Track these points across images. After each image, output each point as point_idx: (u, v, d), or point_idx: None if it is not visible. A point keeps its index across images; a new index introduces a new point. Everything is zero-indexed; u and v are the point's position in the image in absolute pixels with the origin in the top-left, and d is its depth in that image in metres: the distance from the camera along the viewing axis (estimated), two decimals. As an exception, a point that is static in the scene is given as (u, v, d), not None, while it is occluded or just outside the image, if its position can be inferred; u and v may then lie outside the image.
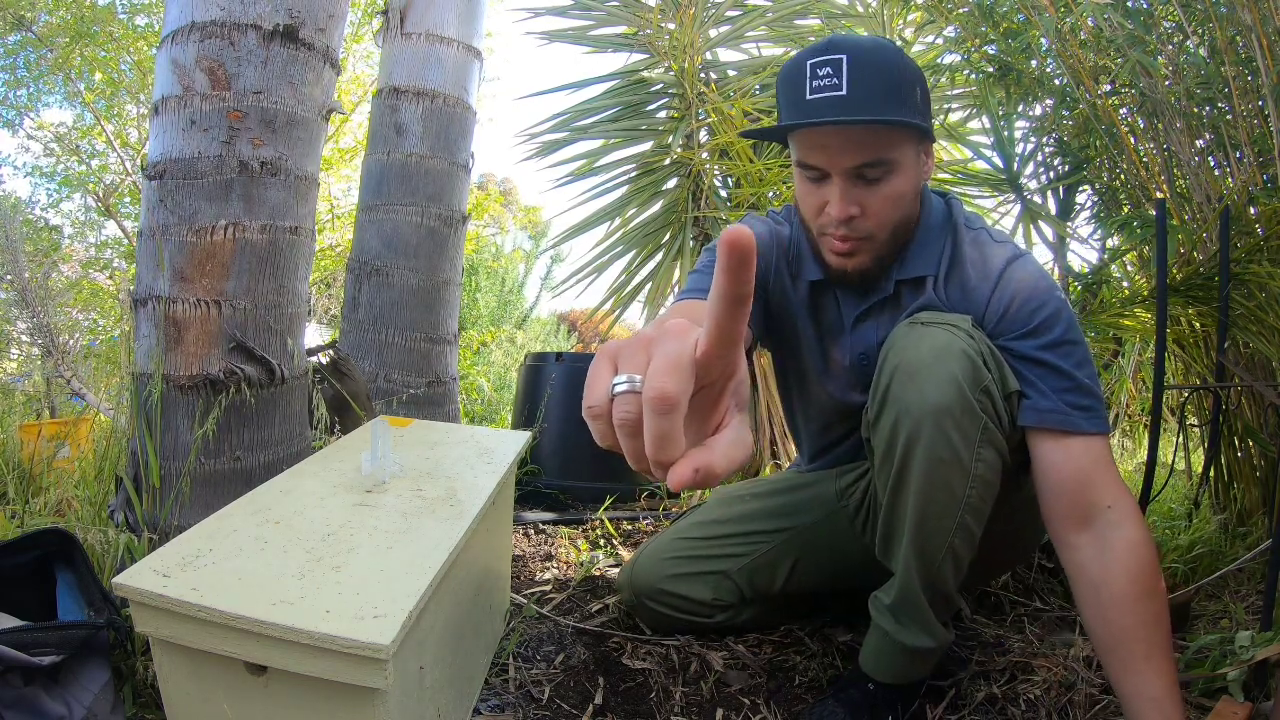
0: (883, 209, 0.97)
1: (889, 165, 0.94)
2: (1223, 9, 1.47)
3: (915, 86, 0.95)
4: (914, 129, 0.94)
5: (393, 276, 2.06)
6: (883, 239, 1.00)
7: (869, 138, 0.93)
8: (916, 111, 0.94)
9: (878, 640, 1.04)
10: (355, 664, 0.63)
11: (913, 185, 0.98)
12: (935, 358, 0.89)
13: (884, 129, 0.92)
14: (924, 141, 1.00)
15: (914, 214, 1.03)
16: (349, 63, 6.52)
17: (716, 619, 1.25)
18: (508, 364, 4.72)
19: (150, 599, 0.65)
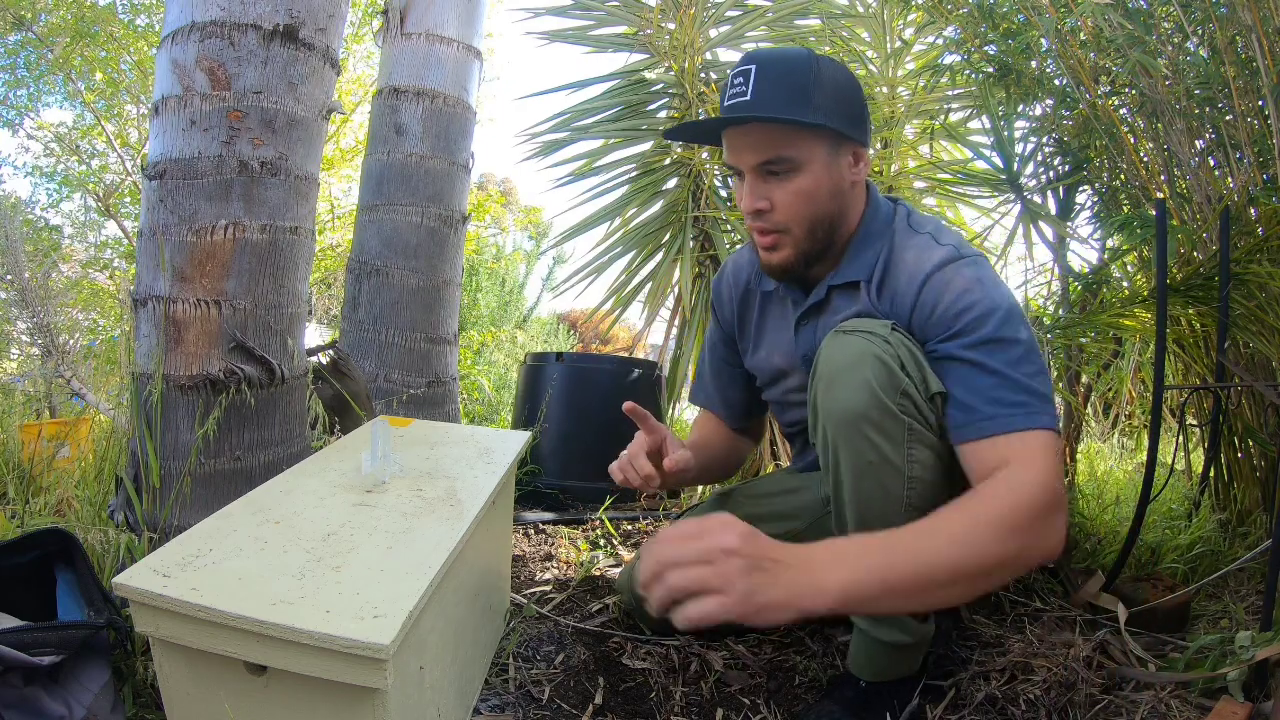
0: (791, 204, 1.03)
1: (792, 162, 1.01)
2: (1223, 9, 1.47)
3: (828, 92, 0.99)
4: (820, 130, 0.99)
5: (393, 276, 2.06)
6: (799, 234, 1.05)
7: (769, 136, 1.00)
8: (824, 115, 0.98)
9: (858, 640, 1.07)
10: (356, 664, 0.63)
11: (827, 185, 1.03)
12: (850, 365, 0.92)
13: (785, 128, 0.99)
14: (842, 144, 1.03)
15: (836, 214, 1.05)
16: (349, 63, 6.53)
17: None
18: (508, 364, 4.72)
19: (150, 599, 0.65)
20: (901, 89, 2.58)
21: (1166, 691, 1.08)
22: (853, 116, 1.03)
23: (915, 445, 0.92)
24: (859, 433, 0.91)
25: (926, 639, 1.06)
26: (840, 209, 1.05)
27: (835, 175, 1.03)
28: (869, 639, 1.05)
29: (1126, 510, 1.77)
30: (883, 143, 2.53)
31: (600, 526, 1.89)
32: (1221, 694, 1.05)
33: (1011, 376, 0.91)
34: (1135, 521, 1.39)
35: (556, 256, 7.05)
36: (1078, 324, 1.75)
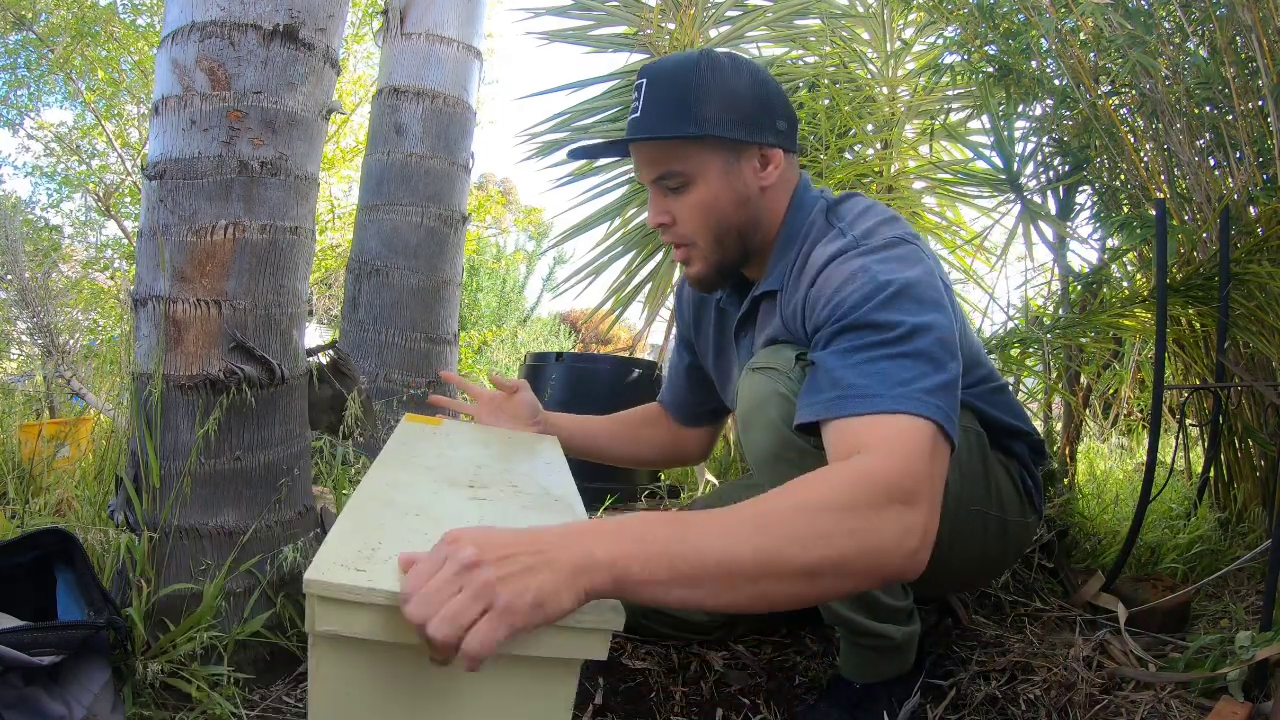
0: (691, 217, 1.00)
1: (683, 176, 0.98)
2: (1223, 9, 1.47)
3: (717, 100, 0.95)
4: (708, 140, 0.96)
5: (393, 276, 2.06)
6: (705, 246, 1.02)
7: (657, 152, 0.99)
8: (710, 125, 0.95)
9: (845, 644, 1.06)
10: (587, 638, 0.66)
11: (727, 195, 0.99)
12: (757, 405, 0.90)
13: (671, 143, 0.97)
14: (742, 150, 0.98)
15: (746, 222, 1.01)
16: (349, 63, 6.53)
17: (714, 635, 1.25)
18: (509, 364, 4.72)
19: (354, 593, 0.62)
20: (901, 89, 2.58)
21: (1166, 691, 1.08)
22: (752, 120, 0.97)
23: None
24: (779, 473, 0.87)
25: (913, 639, 1.05)
26: (750, 216, 1.01)
27: (737, 183, 0.99)
28: (853, 644, 1.04)
29: (1126, 510, 1.77)
30: (883, 143, 2.53)
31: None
32: (1221, 694, 1.05)
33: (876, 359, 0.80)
34: (1135, 521, 1.39)
35: (557, 256, 7.05)
36: (1078, 324, 1.75)
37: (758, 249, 1.04)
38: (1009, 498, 1.07)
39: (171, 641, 1.07)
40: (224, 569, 1.14)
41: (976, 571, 1.18)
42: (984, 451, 1.05)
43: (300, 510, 1.27)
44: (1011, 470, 1.09)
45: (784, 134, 1.01)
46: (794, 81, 2.50)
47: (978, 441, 1.04)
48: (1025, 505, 1.10)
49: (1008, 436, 1.10)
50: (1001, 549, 1.11)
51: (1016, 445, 1.10)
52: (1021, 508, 1.10)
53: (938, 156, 2.52)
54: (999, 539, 1.08)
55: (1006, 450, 1.09)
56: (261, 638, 1.13)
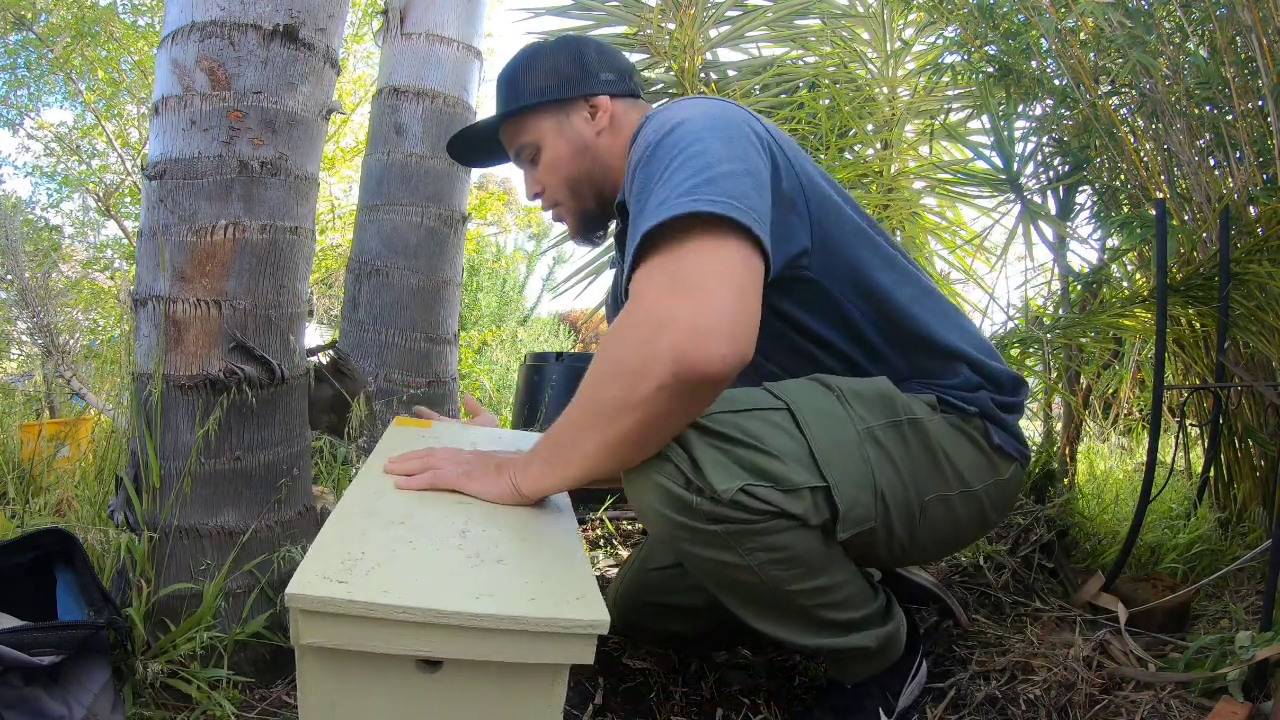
0: (548, 179, 1.12)
1: (529, 147, 1.12)
2: (1223, 9, 1.47)
3: (537, 72, 1.09)
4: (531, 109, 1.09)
5: (393, 276, 2.06)
6: (566, 199, 1.13)
7: (508, 134, 1.14)
8: (531, 94, 1.08)
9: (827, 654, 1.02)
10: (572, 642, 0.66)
11: (565, 149, 1.09)
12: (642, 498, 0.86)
13: (510, 125, 1.12)
14: (566, 107, 1.09)
15: (590, 167, 1.10)
16: (349, 63, 6.53)
17: (710, 641, 1.25)
18: (509, 363, 4.72)
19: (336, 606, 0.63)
20: (901, 89, 2.58)
21: (1166, 691, 1.08)
22: (569, 78, 1.09)
23: (746, 540, 0.84)
24: (683, 552, 0.88)
25: (894, 636, 1.01)
26: (593, 161, 1.10)
27: (570, 136, 1.09)
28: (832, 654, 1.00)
29: (1126, 510, 1.77)
30: (883, 143, 2.53)
31: (600, 526, 1.89)
32: (1221, 694, 1.05)
33: (644, 203, 0.82)
34: (1135, 521, 1.39)
35: (556, 256, 7.05)
36: (1078, 324, 1.75)
37: (612, 191, 1.11)
38: (972, 467, 1.00)
39: (171, 642, 1.07)
40: (224, 569, 1.14)
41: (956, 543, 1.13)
42: (923, 435, 0.96)
43: (300, 510, 1.27)
44: (971, 432, 1.00)
45: (611, 83, 1.11)
46: (794, 81, 2.50)
47: (912, 431, 0.95)
48: (996, 462, 1.03)
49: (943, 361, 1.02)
50: (979, 517, 1.05)
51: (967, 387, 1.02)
52: (992, 468, 1.02)
53: (938, 156, 2.52)
54: (973, 511, 1.02)
55: (961, 410, 1.00)
56: (262, 638, 1.13)
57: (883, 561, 1.02)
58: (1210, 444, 1.64)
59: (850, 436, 0.90)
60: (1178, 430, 1.88)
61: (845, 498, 0.87)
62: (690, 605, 1.18)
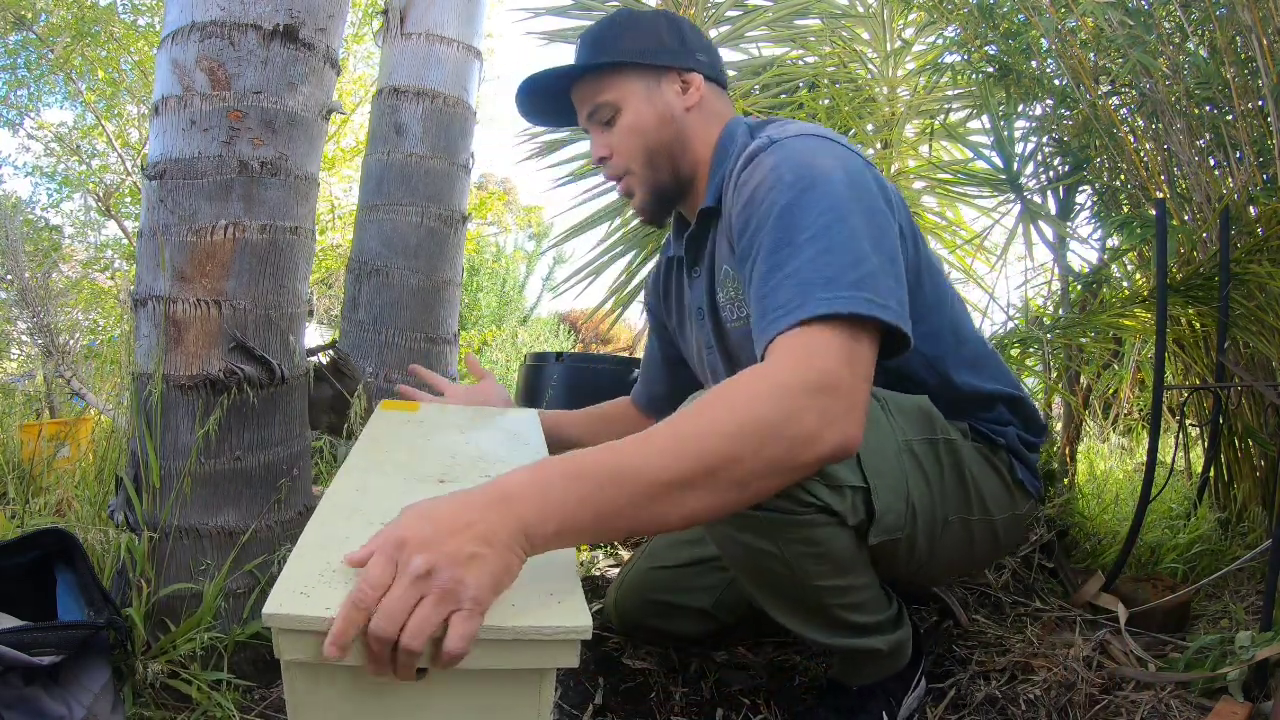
0: (623, 143, 1.06)
1: (610, 106, 1.06)
2: (1223, 9, 1.47)
3: (631, 34, 1.05)
4: (624, 68, 1.05)
5: (393, 276, 2.06)
6: (640, 168, 1.07)
7: (585, 90, 1.07)
8: (624, 54, 1.04)
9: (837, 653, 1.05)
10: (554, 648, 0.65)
11: (650, 115, 1.05)
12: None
13: (594, 79, 1.06)
14: (659, 74, 1.06)
15: (672, 140, 1.06)
16: (349, 63, 6.53)
17: (708, 644, 1.25)
18: (510, 363, 4.72)
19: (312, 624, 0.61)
20: (901, 89, 2.58)
21: (1166, 691, 1.08)
22: (669, 48, 1.06)
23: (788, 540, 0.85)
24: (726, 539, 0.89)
25: (903, 643, 1.03)
26: (676, 135, 1.06)
27: (659, 104, 1.05)
28: (843, 653, 1.02)
29: (1126, 510, 1.77)
30: (883, 143, 2.53)
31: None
32: (1221, 694, 1.05)
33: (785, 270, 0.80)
34: (1135, 521, 1.39)
35: (557, 256, 7.05)
36: (1078, 324, 1.75)
37: (690, 173, 1.08)
38: (994, 496, 1.03)
39: (171, 642, 1.07)
40: (224, 569, 1.14)
41: (966, 568, 1.17)
42: (957, 457, 0.99)
43: (300, 510, 1.27)
44: (998, 463, 1.04)
45: (704, 64, 1.08)
46: (794, 81, 2.50)
47: (947, 451, 0.98)
48: (1016, 496, 1.06)
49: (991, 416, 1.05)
50: (992, 545, 1.08)
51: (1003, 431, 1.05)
52: (1011, 501, 1.06)
53: (938, 156, 2.52)
54: (987, 535, 1.05)
55: (990, 442, 1.04)
56: (262, 638, 1.13)
57: (898, 574, 1.02)
58: (1210, 444, 1.64)
59: (890, 445, 0.92)
60: (1178, 430, 1.88)
61: (882, 502, 0.89)
62: (695, 606, 1.19)
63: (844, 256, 0.79)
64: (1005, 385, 1.08)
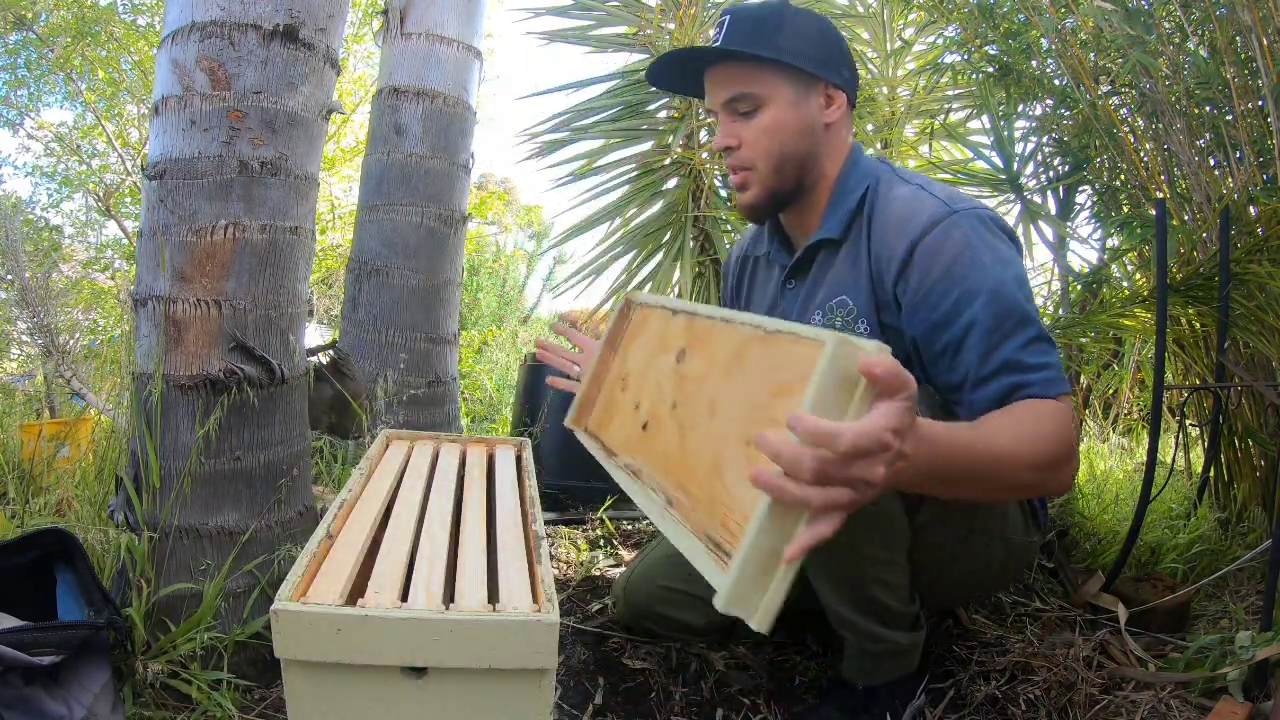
0: (758, 140, 1.04)
1: (756, 99, 1.03)
2: (1223, 9, 1.47)
3: (796, 35, 1.02)
4: (782, 67, 1.01)
5: (393, 276, 2.06)
6: (765, 170, 1.05)
7: (732, 74, 1.04)
8: (787, 53, 1.00)
9: (849, 647, 1.06)
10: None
11: (793, 122, 1.03)
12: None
13: (748, 67, 1.02)
14: (812, 84, 1.03)
15: (806, 153, 1.05)
16: (349, 63, 6.52)
17: (713, 638, 1.26)
18: (509, 363, 4.72)
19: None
20: (901, 89, 2.58)
21: (1166, 691, 1.08)
22: (824, 58, 1.03)
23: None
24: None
25: (919, 643, 1.05)
26: (811, 149, 1.05)
27: (803, 114, 1.04)
28: (858, 648, 1.04)
29: (1126, 510, 1.77)
30: (883, 143, 2.52)
31: (600, 526, 1.89)
32: (1221, 694, 1.05)
33: (1018, 347, 0.89)
34: (1135, 521, 1.39)
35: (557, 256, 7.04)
36: (1078, 324, 1.75)
37: (811, 188, 1.07)
38: (1013, 517, 1.07)
39: (171, 642, 1.07)
40: (224, 569, 1.14)
41: (978, 586, 1.18)
42: None
43: (300, 510, 1.27)
44: None
45: (847, 81, 1.06)
46: (794, 81, 2.49)
47: None
48: (1029, 525, 1.09)
49: None
50: (1004, 567, 1.11)
51: None
52: (1026, 527, 1.09)
53: (938, 156, 2.52)
54: (1001, 556, 1.08)
55: None
56: (262, 638, 1.13)
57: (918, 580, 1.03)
58: (1210, 444, 1.64)
59: None
60: (1178, 430, 1.88)
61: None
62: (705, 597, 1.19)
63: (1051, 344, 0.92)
64: None
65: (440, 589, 0.72)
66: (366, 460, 1.08)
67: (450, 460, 1.13)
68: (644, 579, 1.25)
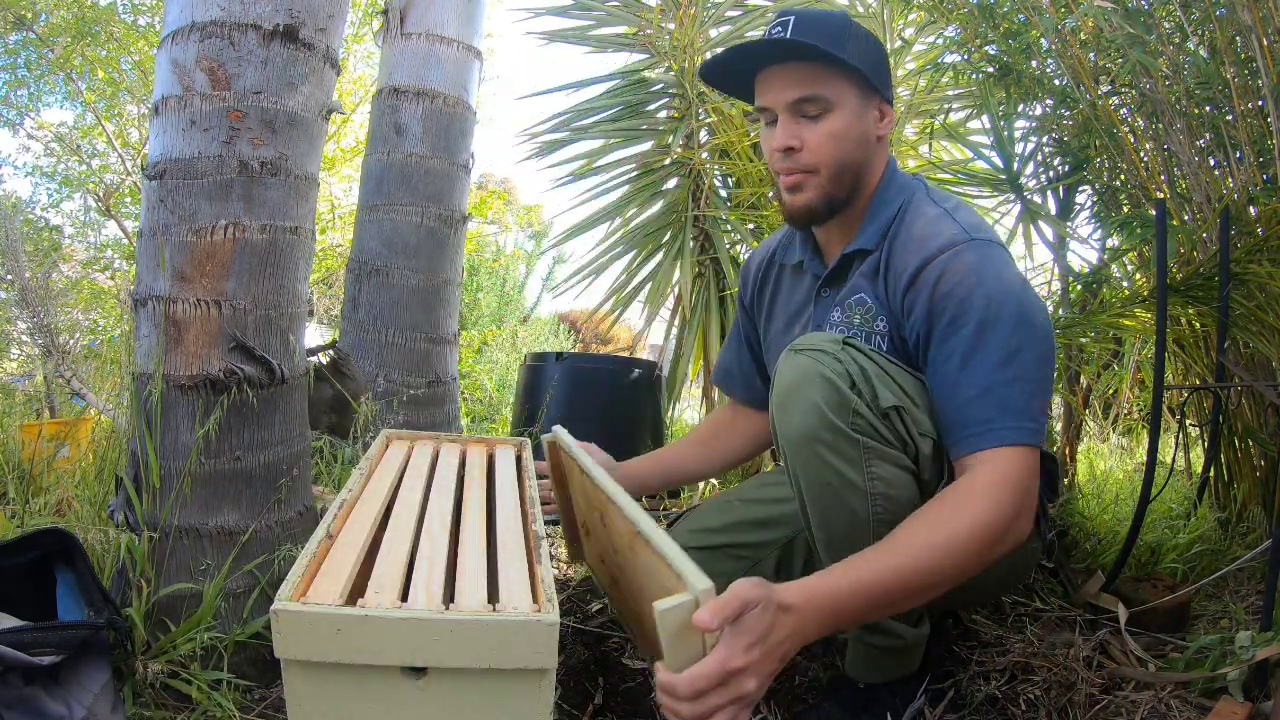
0: (822, 144, 1.02)
1: (826, 102, 1.01)
2: (1222, 9, 1.47)
3: (860, 44, 1.02)
4: (852, 72, 1.01)
5: (393, 276, 2.06)
6: (827, 176, 1.04)
7: (805, 73, 1.01)
8: (857, 60, 1.00)
9: (853, 645, 1.07)
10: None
11: (856, 130, 1.03)
12: (797, 386, 0.92)
13: (820, 68, 1.00)
14: (870, 95, 1.04)
15: (862, 163, 1.05)
16: (349, 63, 6.53)
17: None
18: (509, 363, 4.72)
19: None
20: (902, 89, 2.58)
21: (1166, 691, 1.08)
22: (880, 72, 1.04)
23: (876, 462, 0.92)
24: (814, 455, 0.91)
25: (922, 640, 1.06)
26: (865, 159, 1.06)
27: (864, 123, 1.04)
28: (862, 644, 1.05)
29: (1126, 510, 1.77)
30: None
31: (600, 526, 1.89)
32: (1221, 694, 1.05)
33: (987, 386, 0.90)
34: (1135, 521, 1.39)
35: (557, 256, 7.04)
36: (1078, 324, 1.75)
37: (858, 196, 1.07)
38: None
39: (171, 642, 1.07)
40: (224, 569, 1.14)
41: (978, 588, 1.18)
42: None
43: (300, 510, 1.27)
44: None
45: (891, 102, 1.08)
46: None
47: None
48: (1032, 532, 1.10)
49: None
50: (1007, 572, 1.12)
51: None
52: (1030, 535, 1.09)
53: (938, 156, 2.52)
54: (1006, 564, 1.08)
55: None
56: (262, 638, 1.13)
57: None
58: (1210, 444, 1.64)
59: None
60: (1178, 430, 1.88)
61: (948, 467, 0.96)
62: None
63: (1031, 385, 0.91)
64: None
65: (440, 589, 0.72)
66: (366, 460, 1.08)
67: (450, 460, 1.13)
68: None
